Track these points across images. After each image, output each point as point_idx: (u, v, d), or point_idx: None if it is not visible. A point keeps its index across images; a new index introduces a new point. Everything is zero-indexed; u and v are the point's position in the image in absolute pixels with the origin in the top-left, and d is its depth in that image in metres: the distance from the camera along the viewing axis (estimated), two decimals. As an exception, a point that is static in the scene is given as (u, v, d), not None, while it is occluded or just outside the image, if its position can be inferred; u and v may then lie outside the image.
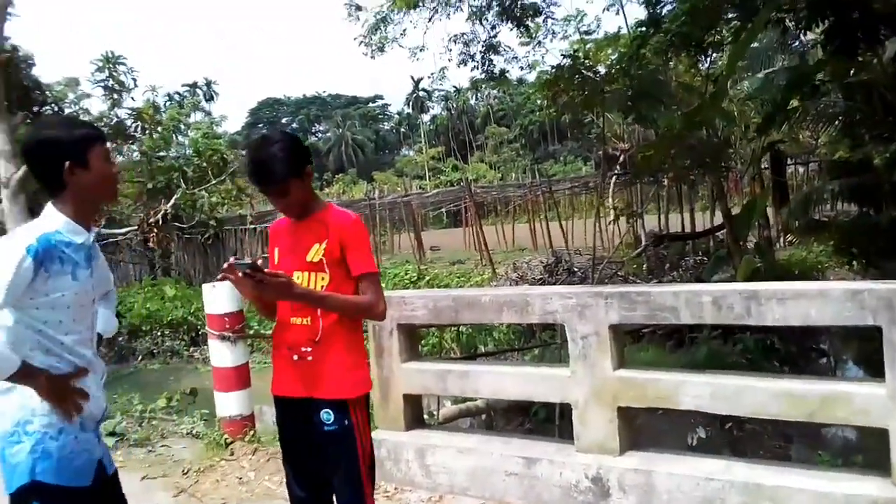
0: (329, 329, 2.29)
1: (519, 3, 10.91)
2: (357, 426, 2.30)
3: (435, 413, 5.56)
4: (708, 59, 9.04)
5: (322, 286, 2.29)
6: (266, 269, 2.15)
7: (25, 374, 1.89)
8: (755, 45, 8.14)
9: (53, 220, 1.99)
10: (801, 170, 16.39)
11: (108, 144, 2.13)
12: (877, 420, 2.69)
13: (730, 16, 7.87)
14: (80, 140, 2.01)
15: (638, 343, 6.90)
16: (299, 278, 2.31)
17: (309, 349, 2.29)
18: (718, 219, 9.96)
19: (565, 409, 3.92)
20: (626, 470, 3.13)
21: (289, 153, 2.26)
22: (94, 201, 2.12)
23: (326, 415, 2.28)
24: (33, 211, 6.82)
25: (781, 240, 12.32)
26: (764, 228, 8.54)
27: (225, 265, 2.21)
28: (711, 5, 7.29)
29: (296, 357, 2.31)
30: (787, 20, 7.23)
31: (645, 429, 5.05)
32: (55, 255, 1.93)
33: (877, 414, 2.68)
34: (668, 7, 8.16)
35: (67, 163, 1.97)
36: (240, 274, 2.14)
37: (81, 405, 1.99)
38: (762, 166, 11.30)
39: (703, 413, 4.64)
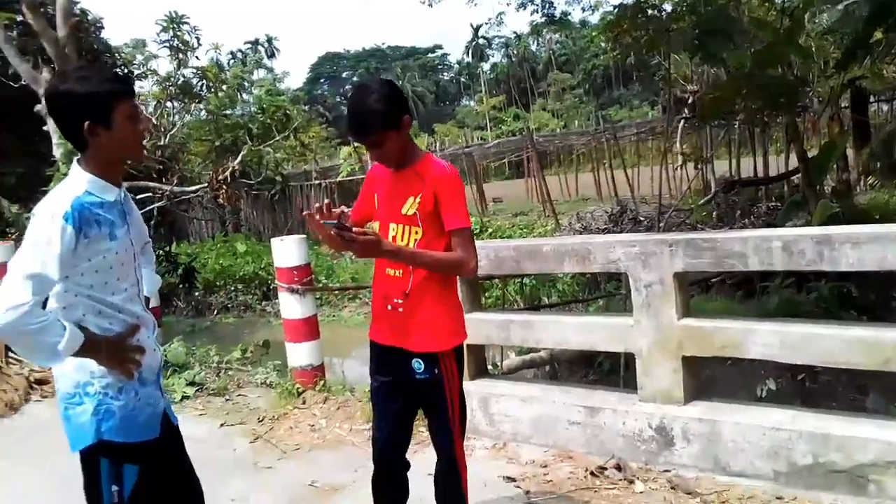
0: (420, 283, 2.30)
1: (580, -59, 10.49)
2: (446, 376, 2.34)
3: (498, 364, 5.63)
4: (785, -8, 8.51)
5: (415, 240, 2.29)
6: (353, 228, 2.13)
7: (90, 347, 1.87)
8: (836, -26, 7.59)
9: (81, 181, 1.92)
10: (884, 108, 15.37)
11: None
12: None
13: (808, -57, 7.36)
14: (102, 97, 1.87)
15: (706, 294, 6.75)
16: (394, 230, 2.33)
17: (400, 301, 2.32)
18: (793, 163, 9.52)
19: (630, 360, 3.91)
20: (690, 419, 3.11)
21: (384, 104, 2.21)
22: (119, 160, 2.03)
23: (417, 364, 2.33)
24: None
25: (862, 183, 11.68)
26: (843, 171, 8.10)
27: (306, 213, 2.20)
28: (788, -68, 6.83)
29: (389, 307, 2.36)
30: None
31: (713, 380, 4.98)
32: (91, 219, 1.87)
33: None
34: (741, -63, 7.68)
35: (87, 123, 1.86)
36: (332, 230, 2.12)
37: (140, 361, 1.98)
38: (842, 105, 10.65)
39: (774, 364, 4.54)
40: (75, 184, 1.91)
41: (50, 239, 1.80)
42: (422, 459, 2.54)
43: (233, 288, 11.67)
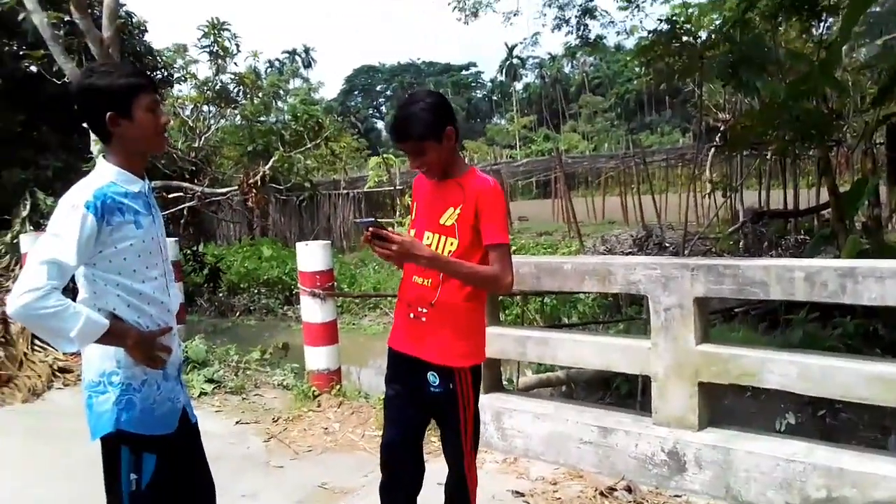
0: (448, 294, 2.27)
1: (619, -34, 10.55)
2: (461, 392, 2.30)
3: (514, 381, 5.63)
4: (822, 24, 8.47)
5: (450, 251, 2.27)
6: (389, 231, 2.12)
7: (116, 335, 1.91)
8: (875, 9, 7.55)
9: (106, 173, 1.99)
10: (921, 146, 15.13)
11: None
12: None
13: (849, -23, 7.32)
14: (123, 89, 1.95)
15: (729, 323, 6.69)
16: (429, 239, 2.31)
17: (425, 310, 2.30)
18: (824, 196, 9.42)
19: (647, 385, 3.89)
20: (703, 445, 3.09)
21: (429, 113, 2.23)
22: (141, 152, 2.08)
23: (433, 377, 2.30)
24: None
25: (894, 220, 11.51)
26: (874, 207, 7.97)
27: (357, 221, 2.19)
28: (828, -34, 6.80)
29: (412, 315, 2.34)
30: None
31: (731, 410, 4.93)
32: (114, 207, 1.93)
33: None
34: (780, -31, 7.66)
35: (109, 113, 1.93)
36: (367, 233, 2.11)
37: (166, 359, 2.03)
38: (876, 141, 10.53)
39: (794, 398, 4.49)
40: (101, 175, 1.98)
41: (69, 226, 1.85)
42: (432, 468, 2.55)
43: (256, 291, 11.80)
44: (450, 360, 2.29)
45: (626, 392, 5.40)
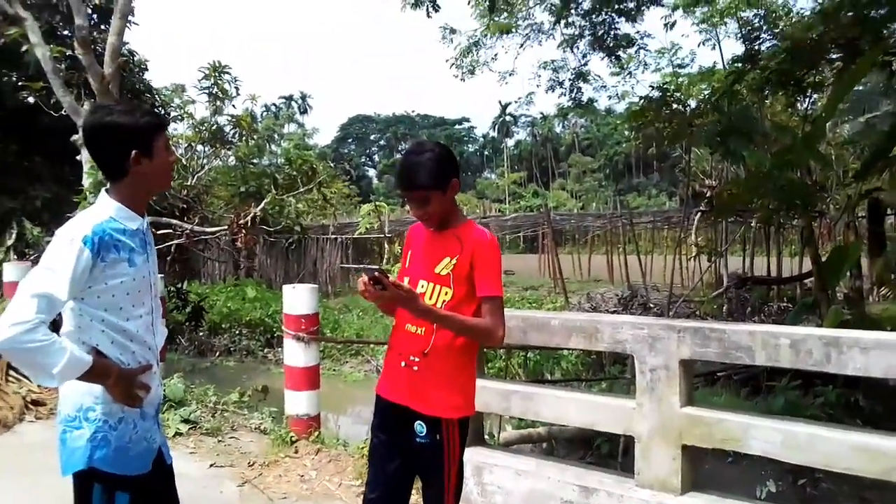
0: (440, 344, 2.27)
1: (612, 33, 10.91)
2: (448, 444, 2.28)
3: (495, 435, 5.56)
4: (807, 100, 8.76)
5: (444, 301, 2.28)
6: (391, 279, 2.13)
7: (98, 373, 1.90)
8: (859, 88, 7.83)
9: (107, 208, 1.99)
10: (901, 221, 15.46)
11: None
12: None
13: (833, 56, 7.62)
14: (146, 128, 2.00)
15: (712, 387, 6.69)
16: (423, 287, 2.32)
17: (417, 359, 2.29)
18: (807, 265, 9.57)
19: (629, 446, 3.86)
20: (686, 510, 3.05)
21: (436, 164, 2.26)
22: (151, 189, 2.14)
23: (420, 427, 2.28)
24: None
25: (875, 293, 11.67)
26: (856, 279, 8.09)
27: (357, 267, 2.23)
28: (814, 44, 7.07)
29: (403, 364, 2.32)
30: (895, 64, 6.93)
31: (713, 475, 4.88)
32: (110, 244, 1.93)
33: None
34: (767, 44, 7.98)
35: (134, 151, 1.96)
36: (365, 278, 2.12)
37: (144, 398, 2.01)
38: (858, 214, 10.77)
39: (775, 466, 4.47)
40: (101, 210, 1.99)
41: (64, 260, 1.86)
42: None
43: (238, 332, 11.66)
44: (439, 410, 2.28)
45: (608, 452, 5.35)
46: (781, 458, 3.01)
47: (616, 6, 10.29)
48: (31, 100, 9.77)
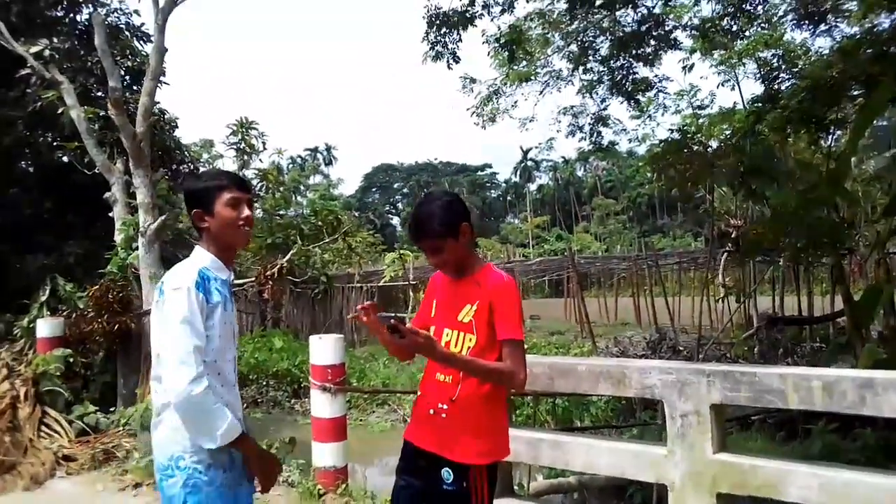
0: (468, 391, 2.29)
1: (630, 77, 11.02)
2: (475, 491, 2.26)
3: (525, 486, 5.46)
4: (831, 137, 8.72)
5: (468, 347, 2.30)
6: (408, 327, 2.16)
7: (243, 443, 2.08)
8: (883, 123, 7.80)
9: (203, 258, 2.19)
10: (935, 256, 15.13)
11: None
12: None
13: (855, 93, 7.61)
14: (206, 190, 2.23)
15: (746, 431, 6.52)
16: (448, 336, 2.35)
17: (445, 406, 2.31)
18: (839, 304, 9.38)
19: (662, 495, 3.77)
20: (723, 561, 2.96)
21: (446, 212, 2.31)
22: (225, 243, 2.26)
23: (447, 473, 2.27)
24: (165, 259, 7.43)
25: (912, 330, 11.35)
26: (890, 317, 7.92)
27: (359, 306, 2.28)
28: (834, 82, 7.09)
29: (432, 411, 2.34)
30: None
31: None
32: (212, 289, 2.12)
33: None
34: (787, 83, 8.01)
35: (195, 210, 2.22)
36: (385, 326, 2.15)
37: (276, 481, 2.21)
38: (888, 250, 10.59)
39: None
40: (199, 259, 2.19)
41: (191, 308, 2.03)
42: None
43: (265, 383, 11.68)
44: (466, 457, 2.27)
45: (641, 501, 5.21)
46: (820, 506, 2.91)
47: (633, 52, 10.42)
48: (65, 159, 10.11)
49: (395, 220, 78.41)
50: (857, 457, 5.19)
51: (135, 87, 10.13)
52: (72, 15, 12.36)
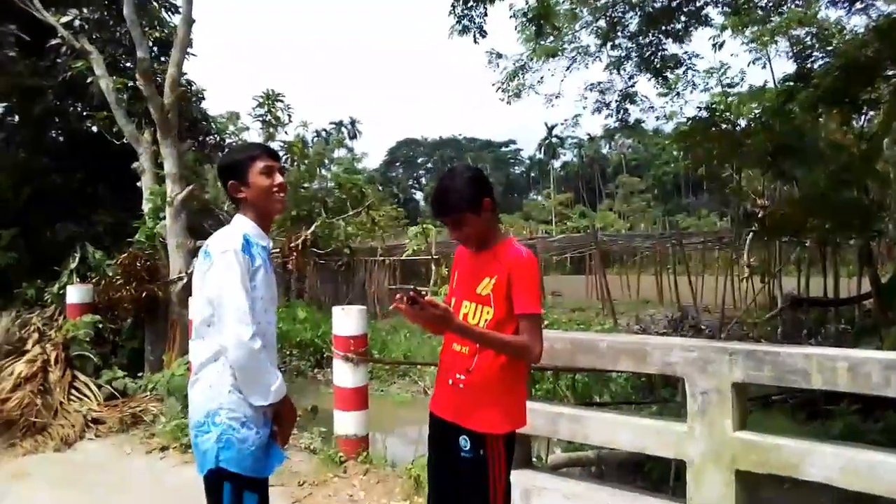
0: (484, 362, 2.32)
1: (659, 54, 10.83)
2: (492, 460, 2.30)
3: (543, 458, 5.52)
4: (863, 118, 8.53)
5: (486, 320, 2.33)
6: (427, 298, 2.18)
7: (285, 401, 2.20)
8: (917, 103, 7.59)
9: (244, 225, 2.26)
10: (966, 240, 14.81)
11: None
12: None
13: (890, 73, 7.42)
14: (239, 162, 2.30)
15: (767, 411, 6.51)
16: (466, 308, 2.38)
17: (462, 377, 2.35)
18: (866, 286, 9.25)
19: (680, 471, 3.79)
20: (740, 537, 2.98)
21: (467, 187, 2.33)
22: (263, 211, 2.32)
23: (464, 441, 2.32)
24: (192, 228, 7.52)
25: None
26: (919, 300, 7.82)
27: (394, 287, 2.35)
28: (869, 61, 6.92)
29: (450, 381, 2.39)
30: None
31: (768, 502, 4.74)
32: (255, 253, 2.19)
33: None
34: (820, 62, 7.83)
35: (231, 181, 2.29)
36: (403, 298, 2.18)
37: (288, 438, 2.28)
38: (920, 233, 10.39)
39: (834, 494, 4.31)
40: (240, 226, 2.26)
41: (243, 272, 2.11)
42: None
43: (288, 353, 11.85)
44: (482, 426, 2.31)
45: (659, 476, 5.24)
46: (841, 486, 2.91)
47: (663, 28, 10.22)
48: (94, 129, 10.21)
49: (419, 195, 78.34)
50: (878, 438, 5.17)
51: (163, 58, 10.15)
52: (101, -16, 12.39)
